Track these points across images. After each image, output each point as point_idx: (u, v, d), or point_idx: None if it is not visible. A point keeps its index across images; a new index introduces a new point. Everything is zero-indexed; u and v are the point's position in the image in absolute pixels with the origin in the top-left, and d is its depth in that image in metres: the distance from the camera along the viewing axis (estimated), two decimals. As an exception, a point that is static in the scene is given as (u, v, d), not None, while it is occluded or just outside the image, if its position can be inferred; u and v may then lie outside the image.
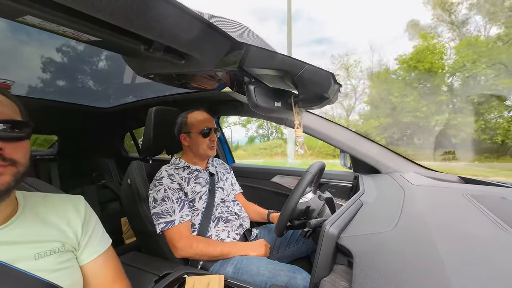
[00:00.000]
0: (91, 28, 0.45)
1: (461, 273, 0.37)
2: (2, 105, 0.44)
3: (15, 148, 0.43)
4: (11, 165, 0.42)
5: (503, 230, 0.50)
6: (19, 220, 0.47)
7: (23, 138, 0.45)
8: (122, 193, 1.19)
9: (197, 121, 1.13)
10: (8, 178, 0.42)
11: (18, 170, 0.44)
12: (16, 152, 0.43)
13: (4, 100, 0.45)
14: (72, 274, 0.51)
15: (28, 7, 0.37)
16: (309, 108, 0.90)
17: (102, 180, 2.25)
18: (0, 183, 0.41)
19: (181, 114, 1.18)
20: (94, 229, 0.58)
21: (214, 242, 0.99)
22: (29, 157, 0.47)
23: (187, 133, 1.13)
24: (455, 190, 0.85)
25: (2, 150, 0.41)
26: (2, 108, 0.43)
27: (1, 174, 0.41)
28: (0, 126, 0.41)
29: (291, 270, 0.86)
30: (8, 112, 0.44)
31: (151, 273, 0.82)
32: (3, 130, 0.42)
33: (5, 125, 0.42)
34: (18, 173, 0.44)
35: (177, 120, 1.17)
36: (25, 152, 0.45)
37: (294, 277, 0.83)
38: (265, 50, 0.60)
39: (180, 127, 1.15)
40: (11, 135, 0.43)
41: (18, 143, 0.44)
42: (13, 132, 0.43)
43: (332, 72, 0.70)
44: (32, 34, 3.16)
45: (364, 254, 0.46)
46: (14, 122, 0.44)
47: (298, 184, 0.85)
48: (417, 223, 0.57)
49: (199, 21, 0.48)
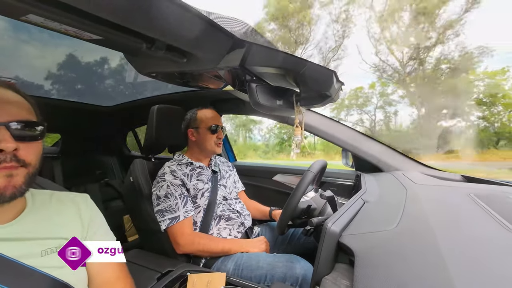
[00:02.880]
0: (93, 26, 0.45)
1: (464, 273, 0.37)
2: (18, 106, 0.44)
3: (29, 148, 0.44)
4: (23, 166, 0.43)
5: (508, 230, 0.50)
6: (27, 217, 0.48)
7: (37, 138, 0.45)
8: (124, 191, 1.19)
9: (206, 117, 1.15)
10: (20, 180, 0.42)
11: (29, 171, 0.44)
12: (29, 153, 0.44)
13: (20, 100, 0.46)
14: (78, 272, 0.51)
15: (31, 6, 0.38)
16: (311, 106, 0.89)
17: (105, 178, 2.27)
18: (13, 185, 0.41)
19: (190, 110, 1.20)
20: (99, 227, 0.59)
21: (215, 238, 1.00)
22: (41, 158, 0.47)
23: (195, 128, 1.15)
24: (459, 189, 0.84)
25: (16, 150, 0.41)
26: (18, 109, 0.44)
27: (14, 175, 0.41)
28: (16, 125, 0.42)
29: (288, 260, 0.87)
30: (23, 113, 0.45)
31: (153, 270, 0.82)
32: (19, 130, 0.42)
33: (21, 125, 0.42)
34: (29, 175, 0.44)
35: (186, 116, 1.19)
36: (37, 153, 0.46)
37: (292, 267, 0.84)
38: (267, 48, 0.59)
39: (188, 122, 1.17)
40: (26, 134, 0.43)
41: (32, 143, 0.44)
42: (28, 132, 0.44)
43: (334, 70, 0.69)
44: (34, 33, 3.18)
45: (366, 253, 0.46)
46: (29, 122, 0.44)
47: (300, 183, 0.85)
48: (419, 222, 0.56)
49: (201, 20, 0.48)
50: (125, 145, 2.49)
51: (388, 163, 1.20)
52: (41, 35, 3.25)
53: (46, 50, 3.71)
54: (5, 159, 0.40)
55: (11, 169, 0.41)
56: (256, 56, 0.61)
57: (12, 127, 0.41)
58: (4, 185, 0.40)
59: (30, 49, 3.41)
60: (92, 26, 0.45)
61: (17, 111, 0.44)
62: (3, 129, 0.41)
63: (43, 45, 3.51)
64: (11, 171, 0.41)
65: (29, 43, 3.34)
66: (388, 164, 1.20)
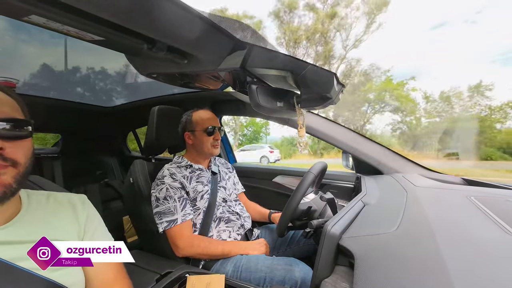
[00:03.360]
0: (95, 27, 0.45)
1: (464, 276, 0.37)
2: (2, 104, 0.43)
3: (16, 147, 0.42)
4: (12, 166, 0.42)
5: (508, 233, 0.50)
6: (22, 219, 0.48)
7: (24, 136, 0.44)
8: (124, 191, 1.19)
9: (202, 119, 1.13)
10: (9, 179, 0.41)
11: (18, 171, 0.43)
12: (17, 152, 0.42)
13: (4, 98, 0.44)
14: (74, 273, 0.51)
15: (34, 6, 0.38)
16: (311, 108, 0.89)
17: (105, 178, 2.27)
18: (1, 183, 0.40)
19: (186, 112, 1.19)
20: (97, 228, 0.58)
21: (215, 241, 0.99)
22: (31, 157, 0.46)
23: (191, 131, 1.14)
24: (459, 192, 0.84)
25: (2, 149, 0.40)
26: (2, 107, 0.43)
27: (2, 174, 0.40)
28: (0, 124, 0.40)
29: (287, 263, 0.87)
30: (8, 111, 0.43)
31: (152, 272, 0.82)
32: (3, 129, 0.41)
33: (5, 123, 0.41)
34: (19, 174, 0.43)
35: (182, 119, 1.18)
36: (27, 152, 0.45)
37: (291, 270, 0.83)
38: (268, 50, 0.60)
39: (184, 125, 1.16)
40: (11, 133, 0.42)
41: (19, 142, 0.43)
42: (14, 131, 0.42)
43: (334, 73, 0.70)
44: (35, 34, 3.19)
45: (366, 256, 0.46)
46: (15, 121, 0.43)
47: (300, 185, 0.85)
48: (420, 225, 0.56)
49: (202, 21, 0.48)
50: (125, 145, 2.49)
51: (388, 165, 1.20)
52: (41, 35, 3.25)
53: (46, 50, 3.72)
54: None
55: None
56: (257, 58, 0.61)
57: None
58: None
59: (30, 49, 3.42)
60: (94, 27, 0.45)
61: (1, 109, 0.42)
62: None
63: (43, 45, 3.52)
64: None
65: (29, 43, 3.34)
66: (389, 166, 1.20)
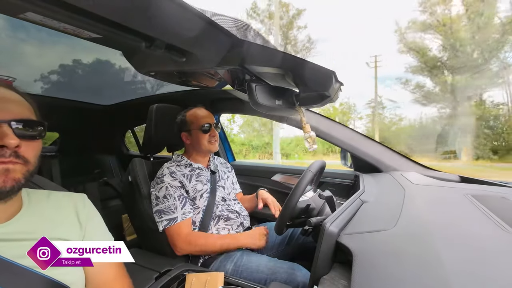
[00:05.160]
0: (92, 25, 0.45)
1: (461, 273, 0.37)
2: (19, 105, 0.46)
3: (29, 146, 0.45)
4: (23, 163, 0.44)
5: (504, 230, 0.50)
6: (23, 217, 0.48)
7: (37, 137, 0.47)
8: (123, 190, 1.19)
9: (196, 118, 1.13)
10: (19, 175, 0.43)
11: (28, 169, 0.45)
12: (29, 151, 0.45)
13: (20, 100, 0.47)
14: (74, 272, 0.51)
15: (30, 3, 0.37)
16: (310, 106, 0.89)
17: (103, 177, 2.26)
18: (12, 178, 0.42)
19: (180, 113, 1.18)
20: (97, 227, 0.58)
21: (212, 236, 1.00)
22: (39, 157, 0.48)
23: (187, 131, 1.13)
24: (456, 190, 0.85)
25: (18, 147, 0.42)
26: (20, 108, 0.45)
27: (13, 170, 0.42)
28: (18, 124, 0.43)
29: (290, 267, 0.86)
30: (24, 112, 0.46)
31: (151, 270, 0.82)
32: (21, 129, 0.44)
33: (22, 124, 0.44)
34: (28, 172, 0.45)
35: (177, 119, 1.17)
36: (37, 152, 0.47)
37: (293, 273, 0.83)
38: (266, 48, 0.59)
39: (180, 126, 1.15)
40: (27, 133, 0.44)
41: (32, 142, 0.46)
42: (29, 131, 0.45)
43: (333, 71, 0.70)
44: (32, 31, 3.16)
45: (364, 253, 0.46)
46: (30, 122, 0.46)
47: (299, 183, 0.85)
48: (417, 223, 0.57)
49: (200, 19, 0.48)
50: (123, 144, 2.48)
51: (386, 163, 1.20)
52: (39, 34, 3.22)
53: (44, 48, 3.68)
54: (4, 154, 0.41)
55: (8, 164, 0.41)
56: (256, 56, 0.61)
57: (14, 125, 0.43)
58: (2, 179, 0.41)
59: (27, 47, 3.38)
60: (91, 25, 0.45)
61: (18, 110, 0.45)
62: (5, 127, 0.42)
63: (40, 43, 3.49)
64: (8, 165, 0.41)
65: (27, 41, 3.31)
66: (387, 164, 1.20)
